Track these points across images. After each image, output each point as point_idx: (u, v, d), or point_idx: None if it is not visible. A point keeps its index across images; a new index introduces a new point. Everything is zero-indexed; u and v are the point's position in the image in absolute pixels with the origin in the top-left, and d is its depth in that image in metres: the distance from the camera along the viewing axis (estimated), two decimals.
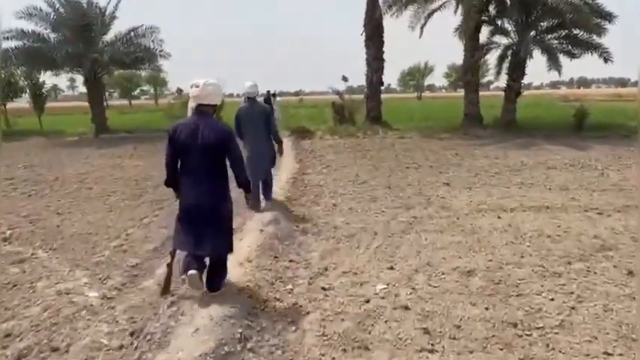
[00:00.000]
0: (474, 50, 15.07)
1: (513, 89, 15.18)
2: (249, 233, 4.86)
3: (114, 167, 10.23)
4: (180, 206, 3.26)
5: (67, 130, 18.55)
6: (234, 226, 3.55)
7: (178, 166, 3.25)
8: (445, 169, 8.88)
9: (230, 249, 3.36)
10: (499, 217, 5.47)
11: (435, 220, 5.45)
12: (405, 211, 5.88)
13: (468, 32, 14.43)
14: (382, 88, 16.69)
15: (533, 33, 14.55)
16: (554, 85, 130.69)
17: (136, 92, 69.73)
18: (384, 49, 16.02)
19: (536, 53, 14.40)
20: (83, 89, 20.74)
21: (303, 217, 5.70)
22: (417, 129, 15.86)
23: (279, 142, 5.97)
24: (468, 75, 15.23)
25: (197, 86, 3.09)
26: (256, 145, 5.59)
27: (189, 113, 3.26)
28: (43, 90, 18.33)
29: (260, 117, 5.63)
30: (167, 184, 3.37)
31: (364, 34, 15.93)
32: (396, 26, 16.72)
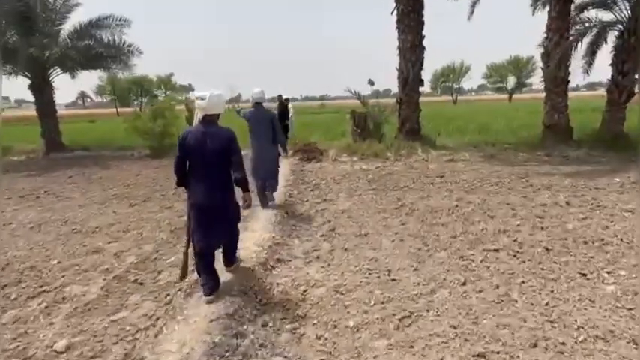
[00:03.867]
0: (563, 32, 10.04)
1: (624, 88, 10.06)
2: None
3: None
4: (190, 204, 3.44)
5: (16, 147, 14.69)
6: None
7: (187, 169, 3.45)
8: (586, 262, 4.06)
9: (238, 234, 3.78)
10: None
11: None
12: None
13: (558, 6, 9.39)
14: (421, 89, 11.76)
15: None
16: None
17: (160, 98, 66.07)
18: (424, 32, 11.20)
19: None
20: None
21: None
22: (471, 146, 11.08)
23: (282, 143, 6.30)
24: (555, 70, 10.01)
25: (203, 99, 3.32)
26: (261, 149, 5.92)
27: (196, 122, 3.47)
28: None
29: (267, 121, 5.90)
30: (178, 184, 3.55)
31: (395, 12, 11.18)
32: None
